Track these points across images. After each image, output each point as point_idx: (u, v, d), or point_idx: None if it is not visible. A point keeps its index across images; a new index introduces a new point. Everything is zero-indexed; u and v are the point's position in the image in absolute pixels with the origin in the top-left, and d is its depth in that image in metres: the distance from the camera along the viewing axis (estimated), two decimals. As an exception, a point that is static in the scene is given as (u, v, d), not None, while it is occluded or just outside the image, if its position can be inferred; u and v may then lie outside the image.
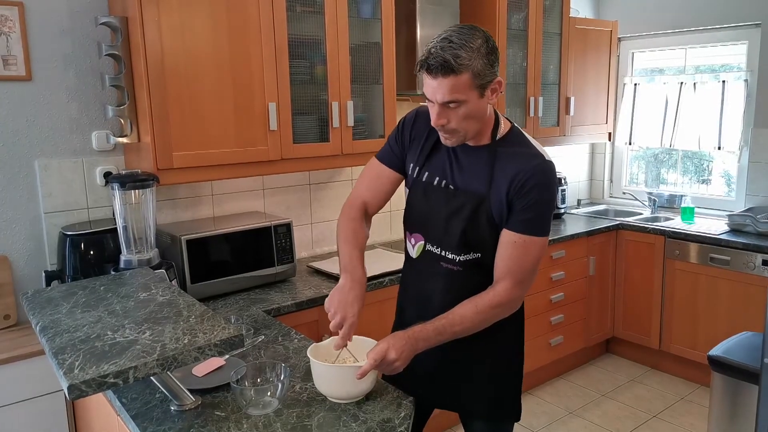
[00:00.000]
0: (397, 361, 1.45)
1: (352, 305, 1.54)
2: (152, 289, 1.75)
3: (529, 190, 1.51)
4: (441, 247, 1.64)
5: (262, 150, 2.50)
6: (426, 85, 1.48)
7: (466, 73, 1.42)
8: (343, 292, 1.56)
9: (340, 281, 1.60)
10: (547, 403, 3.50)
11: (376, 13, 2.81)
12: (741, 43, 3.84)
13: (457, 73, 1.42)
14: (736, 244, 3.37)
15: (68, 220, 2.41)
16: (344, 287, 1.57)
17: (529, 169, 1.51)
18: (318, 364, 1.49)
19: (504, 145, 1.58)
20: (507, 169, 1.54)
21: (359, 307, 1.55)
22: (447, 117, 1.49)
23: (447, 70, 1.41)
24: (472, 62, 1.42)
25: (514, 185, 1.52)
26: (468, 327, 1.55)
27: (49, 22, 2.31)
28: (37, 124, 2.33)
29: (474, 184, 1.58)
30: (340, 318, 1.52)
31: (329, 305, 1.56)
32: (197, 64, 2.29)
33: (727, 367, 2.48)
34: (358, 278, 1.59)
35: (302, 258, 3.05)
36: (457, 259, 1.62)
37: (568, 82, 3.83)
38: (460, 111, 1.47)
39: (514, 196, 1.52)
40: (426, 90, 1.48)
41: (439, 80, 1.43)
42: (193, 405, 1.50)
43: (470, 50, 1.42)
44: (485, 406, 1.72)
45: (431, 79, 1.45)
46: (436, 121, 1.50)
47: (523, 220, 1.53)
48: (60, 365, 1.28)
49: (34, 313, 1.60)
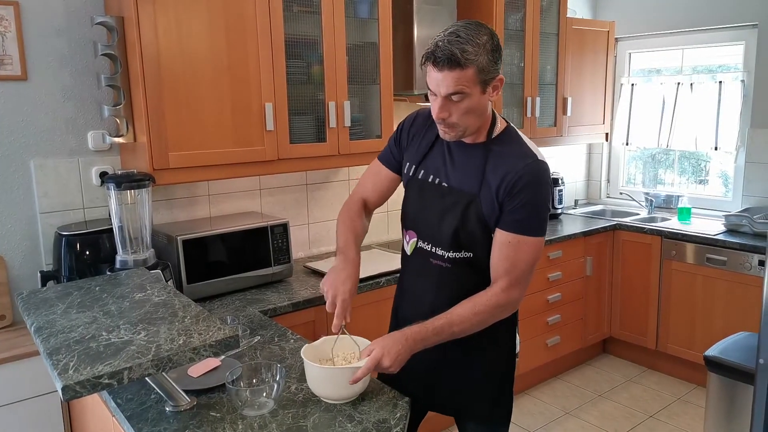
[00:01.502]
0: (391, 367, 1.45)
1: (344, 283, 1.58)
2: (148, 289, 1.75)
3: (519, 190, 1.51)
4: (432, 244, 1.65)
5: (259, 150, 2.49)
6: (430, 78, 1.49)
7: (472, 68, 1.44)
8: (336, 271, 1.62)
9: (335, 262, 1.66)
10: (543, 403, 3.50)
11: (373, 13, 2.81)
12: (738, 43, 3.84)
13: (463, 67, 1.43)
14: (732, 244, 3.37)
15: (64, 220, 2.40)
16: (337, 267, 1.63)
17: (520, 169, 1.52)
18: (311, 365, 1.48)
19: (497, 144, 1.58)
20: (498, 169, 1.54)
21: (351, 285, 1.58)
22: (449, 110, 1.50)
23: (453, 63, 1.43)
24: (478, 57, 1.44)
25: (504, 185, 1.52)
26: (466, 328, 1.54)
27: (44, 21, 2.31)
28: (32, 124, 2.33)
29: (466, 182, 1.59)
30: (331, 296, 1.56)
31: (323, 285, 1.62)
32: (193, 64, 2.28)
33: (723, 368, 2.48)
34: (351, 258, 1.65)
35: (299, 258, 3.05)
36: (446, 255, 1.62)
37: (566, 83, 3.83)
38: (462, 105, 1.48)
39: (505, 196, 1.52)
40: (430, 83, 1.50)
41: (445, 73, 1.44)
42: (188, 406, 1.49)
43: (477, 45, 1.44)
44: (480, 407, 1.72)
45: (437, 71, 1.46)
46: (438, 114, 1.51)
47: (515, 220, 1.53)
48: (54, 366, 1.27)
49: (29, 313, 1.60)
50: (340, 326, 1.55)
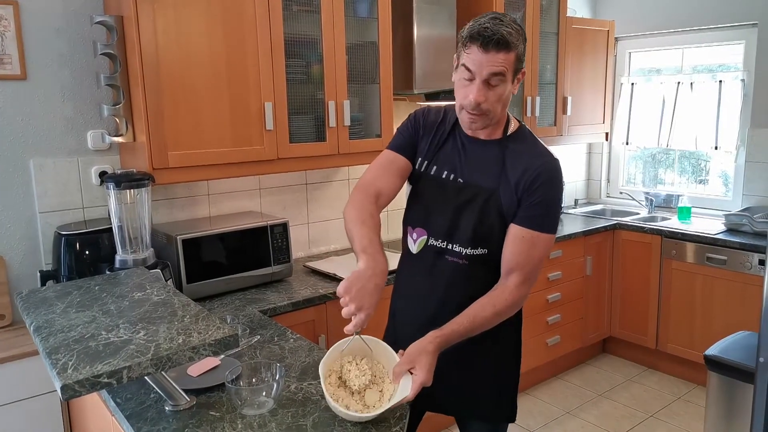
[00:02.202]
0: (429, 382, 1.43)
1: (371, 295, 1.39)
2: (147, 288, 1.75)
3: (538, 187, 1.53)
4: (448, 241, 1.63)
5: (259, 149, 2.49)
6: (472, 59, 1.48)
7: (514, 52, 1.48)
8: (363, 279, 1.40)
9: (361, 265, 1.44)
10: (543, 403, 3.49)
11: (372, 13, 2.80)
12: (738, 42, 3.84)
13: (509, 49, 1.46)
14: (732, 243, 3.37)
15: (63, 219, 2.40)
16: (365, 274, 1.41)
17: (538, 166, 1.54)
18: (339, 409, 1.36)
19: (514, 141, 1.60)
20: (517, 165, 1.56)
21: (377, 298, 1.41)
22: (485, 95, 1.50)
23: (502, 45, 1.45)
24: (519, 44, 1.48)
25: (524, 181, 1.54)
26: (485, 327, 1.55)
27: (44, 21, 2.31)
28: (32, 124, 2.33)
29: (484, 178, 1.59)
30: (356, 308, 1.38)
31: (345, 291, 1.39)
32: (193, 63, 2.28)
33: (723, 367, 2.48)
34: (381, 266, 1.44)
35: (299, 258, 3.05)
36: (464, 252, 1.61)
37: (565, 82, 3.83)
38: (498, 91, 1.50)
39: (524, 192, 1.54)
40: (471, 64, 1.48)
41: (491, 54, 1.46)
42: (187, 405, 1.49)
43: (518, 32, 1.48)
44: (484, 407, 1.72)
45: (482, 53, 1.46)
46: (476, 98, 1.49)
47: (532, 216, 1.54)
48: (53, 365, 1.27)
49: (29, 312, 1.59)
50: (354, 332, 1.41)
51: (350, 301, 1.38)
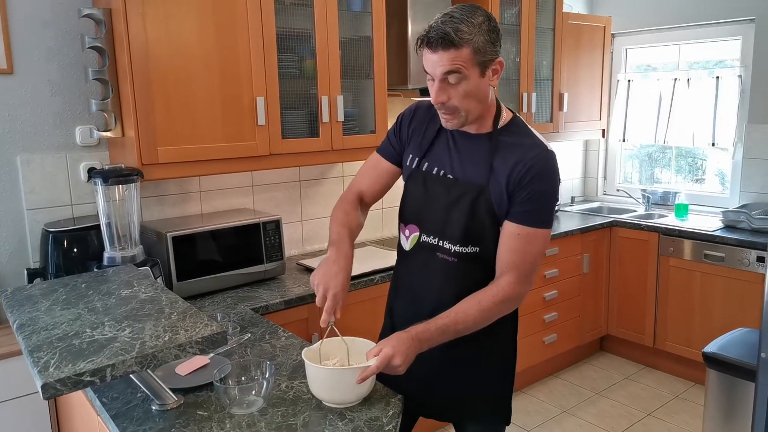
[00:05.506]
0: (400, 366, 1.40)
1: (336, 276, 1.49)
2: (135, 286, 1.71)
3: (529, 181, 1.47)
4: (439, 238, 1.59)
5: (250, 145, 2.45)
6: (426, 61, 1.46)
7: (467, 48, 1.41)
8: (328, 264, 1.53)
9: (327, 255, 1.57)
10: (540, 401, 3.46)
11: (366, 7, 2.77)
12: (735, 38, 3.82)
13: (457, 46, 1.40)
14: (730, 240, 3.35)
15: (51, 216, 2.36)
16: (329, 259, 1.54)
17: (529, 159, 1.48)
18: (315, 367, 1.41)
19: (505, 134, 1.55)
20: (507, 159, 1.50)
21: (344, 279, 1.50)
22: (447, 94, 1.46)
23: (447, 43, 1.40)
24: (473, 37, 1.41)
25: (514, 175, 1.48)
26: (471, 325, 1.50)
27: (31, 14, 2.26)
28: (19, 119, 2.28)
29: (474, 173, 1.54)
30: (322, 290, 1.48)
31: (313, 278, 1.52)
32: (183, 58, 2.24)
33: (722, 364, 2.46)
34: (344, 251, 1.56)
35: (292, 255, 3.01)
36: (453, 249, 1.57)
37: (562, 78, 3.80)
38: (461, 88, 1.45)
39: (515, 187, 1.48)
40: (426, 66, 1.46)
41: (440, 54, 1.42)
42: (174, 404, 1.45)
43: (471, 25, 1.41)
44: (480, 408, 1.68)
45: (431, 53, 1.43)
46: (436, 98, 1.47)
47: (525, 212, 1.49)
48: (35, 363, 1.24)
49: (12, 310, 1.56)
50: (328, 321, 1.47)
51: (317, 284, 1.49)
